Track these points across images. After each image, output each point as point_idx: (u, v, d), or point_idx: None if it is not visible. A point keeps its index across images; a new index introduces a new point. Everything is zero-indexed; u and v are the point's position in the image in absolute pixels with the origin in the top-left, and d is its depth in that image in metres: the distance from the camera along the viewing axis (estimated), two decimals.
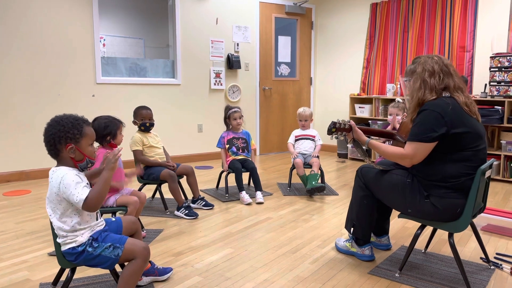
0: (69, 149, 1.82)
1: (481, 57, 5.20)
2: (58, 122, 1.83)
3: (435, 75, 2.19)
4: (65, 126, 1.81)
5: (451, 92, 2.19)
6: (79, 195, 1.75)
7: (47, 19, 4.62)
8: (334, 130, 2.45)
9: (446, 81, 2.19)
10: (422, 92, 2.20)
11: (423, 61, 2.25)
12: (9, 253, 2.66)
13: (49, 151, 1.85)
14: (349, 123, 2.46)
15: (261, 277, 2.36)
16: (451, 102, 2.13)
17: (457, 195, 2.13)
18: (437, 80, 2.18)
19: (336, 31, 6.79)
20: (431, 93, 2.18)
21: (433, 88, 2.18)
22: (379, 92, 6.26)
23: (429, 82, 2.18)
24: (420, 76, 2.22)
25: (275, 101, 6.75)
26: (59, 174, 1.79)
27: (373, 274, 2.39)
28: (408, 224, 3.27)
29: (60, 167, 1.84)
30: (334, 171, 5.43)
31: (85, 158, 1.87)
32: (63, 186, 1.76)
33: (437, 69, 2.20)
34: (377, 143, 2.37)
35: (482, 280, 2.32)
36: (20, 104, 4.54)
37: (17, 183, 4.50)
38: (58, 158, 1.86)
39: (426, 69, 2.21)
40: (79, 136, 1.84)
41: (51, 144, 1.82)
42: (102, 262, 1.85)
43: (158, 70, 5.58)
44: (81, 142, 1.84)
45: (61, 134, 1.80)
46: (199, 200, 3.66)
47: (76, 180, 1.78)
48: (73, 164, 1.85)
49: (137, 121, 3.48)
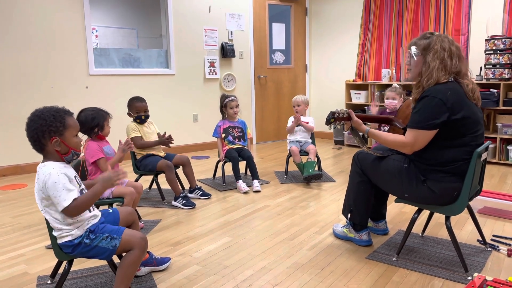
0: (54, 142, 1.78)
1: (476, 40, 5.18)
2: (39, 116, 1.78)
3: (453, 57, 2.11)
4: (47, 120, 1.77)
5: (461, 77, 2.13)
6: (62, 201, 1.72)
7: (37, 10, 4.55)
8: (333, 120, 2.43)
9: (459, 66, 2.12)
10: (439, 72, 2.10)
11: (440, 39, 2.14)
12: (6, 247, 2.65)
13: (34, 146, 1.81)
14: (347, 112, 2.44)
15: (259, 264, 2.36)
16: (451, 87, 2.09)
17: (454, 179, 2.13)
18: (454, 62, 2.11)
19: (330, 17, 6.73)
20: (445, 75, 2.10)
21: (448, 70, 2.10)
22: (374, 77, 6.23)
23: (447, 64, 2.10)
24: (439, 55, 2.11)
25: (271, 89, 6.71)
26: (44, 172, 1.76)
27: (371, 259, 2.40)
28: (405, 208, 3.28)
29: (45, 163, 1.80)
30: (331, 158, 5.43)
31: (71, 151, 1.83)
32: (46, 186, 1.73)
33: (455, 51, 2.13)
34: (377, 132, 2.35)
35: (479, 262, 2.33)
36: (12, 97, 4.49)
37: (12, 177, 4.47)
38: (44, 152, 1.82)
39: (446, 49, 2.12)
40: (63, 128, 1.79)
41: (35, 140, 1.79)
42: (100, 253, 1.85)
43: (151, 60, 5.53)
44: (65, 134, 1.80)
45: (44, 128, 1.76)
46: (196, 190, 3.65)
47: (61, 182, 1.73)
48: (59, 157, 1.82)
49: (132, 114, 3.45)
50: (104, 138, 2.79)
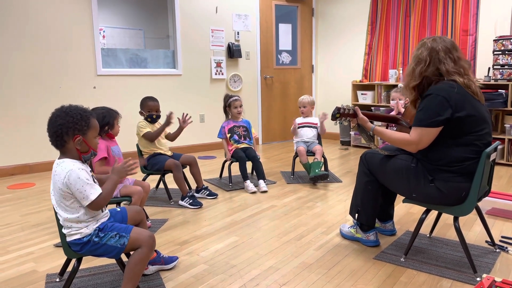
0: (77, 140, 1.80)
1: (484, 41, 5.14)
2: (67, 113, 1.80)
3: (422, 62, 2.19)
4: (74, 118, 1.80)
5: (448, 76, 2.15)
6: (89, 195, 1.76)
7: (46, 12, 4.58)
8: (338, 116, 2.43)
9: (430, 69, 2.18)
10: (408, 78, 2.26)
11: (419, 46, 2.26)
12: (15, 245, 2.67)
13: (53, 141, 1.82)
14: (353, 108, 2.44)
15: (266, 264, 2.36)
16: (456, 85, 2.10)
17: (462, 178, 2.12)
18: (422, 67, 2.19)
19: (337, 18, 6.72)
20: (415, 80, 2.21)
21: (416, 75, 2.20)
22: (381, 78, 6.21)
23: (415, 70, 2.21)
24: (414, 61, 2.25)
25: (277, 90, 6.71)
26: (64, 168, 1.77)
27: (378, 259, 2.40)
28: (412, 209, 3.27)
29: (64, 159, 1.81)
30: (337, 158, 5.42)
31: (90, 150, 1.86)
32: (69, 182, 1.75)
33: (425, 56, 2.20)
34: (382, 130, 2.35)
35: (488, 263, 2.32)
36: (21, 97, 4.53)
37: (21, 176, 4.51)
38: (63, 149, 1.83)
39: (417, 56, 2.23)
40: (87, 128, 1.83)
41: (57, 135, 1.80)
42: (108, 252, 1.86)
43: (158, 60, 5.55)
44: (88, 134, 1.84)
45: (70, 125, 1.78)
46: (203, 190, 3.66)
47: (84, 177, 1.77)
48: (77, 156, 1.84)
49: (144, 112, 3.47)
50: (114, 137, 2.82)
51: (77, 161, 1.83)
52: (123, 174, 1.93)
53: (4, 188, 4.07)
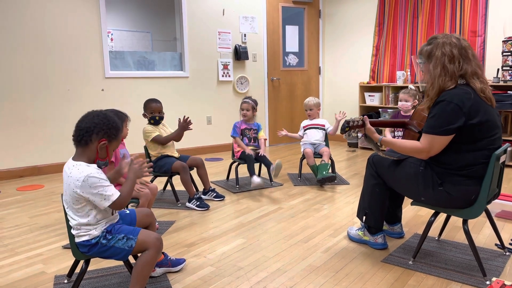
0: (101, 144, 1.81)
1: (493, 42, 5.10)
2: (105, 115, 1.83)
3: (455, 60, 2.08)
4: (110, 122, 1.82)
5: (468, 78, 2.09)
6: (110, 196, 1.78)
7: (54, 14, 4.63)
8: (348, 129, 2.41)
9: (464, 67, 2.08)
10: (443, 79, 2.08)
11: (442, 44, 2.12)
12: (24, 247, 2.69)
13: (79, 136, 1.79)
14: (361, 119, 2.42)
15: (273, 266, 2.36)
16: (471, 91, 2.04)
17: (471, 182, 2.09)
18: (456, 66, 2.07)
19: (344, 19, 6.71)
20: (451, 80, 2.07)
21: (453, 75, 2.08)
22: (389, 80, 6.18)
23: (449, 69, 2.07)
24: (440, 61, 2.10)
25: (284, 92, 6.71)
26: (82, 172, 1.75)
27: (386, 262, 2.38)
28: (421, 211, 3.24)
29: (80, 162, 1.79)
30: (345, 160, 5.40)
31: (107, 158, 1.87)
32: (88, 186, 1.74)
33: (457, 54, 2.09)
34: (390, 140, 2.31)
35: (498, 267, 2.29)
36: (30, 100, 4.57)
37: (30, 178, 4.55)
38: (84, 147, 1.81)
39: (446, 54, 2.09)
40: (114, 137, 1.86)
41: (87, 131, 1.78)
42: (116, 254, 1.86)
43: (166, 63, 5.58)
44: (112, 143, 1.86)
45: (103, 127, 1.80)
46: (210, 192, 3.67)
47: (103, 178, 1.78)
48: (93, 159, 1.83)
49: (147, 114, 3.49)
50: (122, 139, 2.82)
51: (92, 164, 1.82)
52: (139, 174, 1.94)
53: (13, 190, 4.11)
